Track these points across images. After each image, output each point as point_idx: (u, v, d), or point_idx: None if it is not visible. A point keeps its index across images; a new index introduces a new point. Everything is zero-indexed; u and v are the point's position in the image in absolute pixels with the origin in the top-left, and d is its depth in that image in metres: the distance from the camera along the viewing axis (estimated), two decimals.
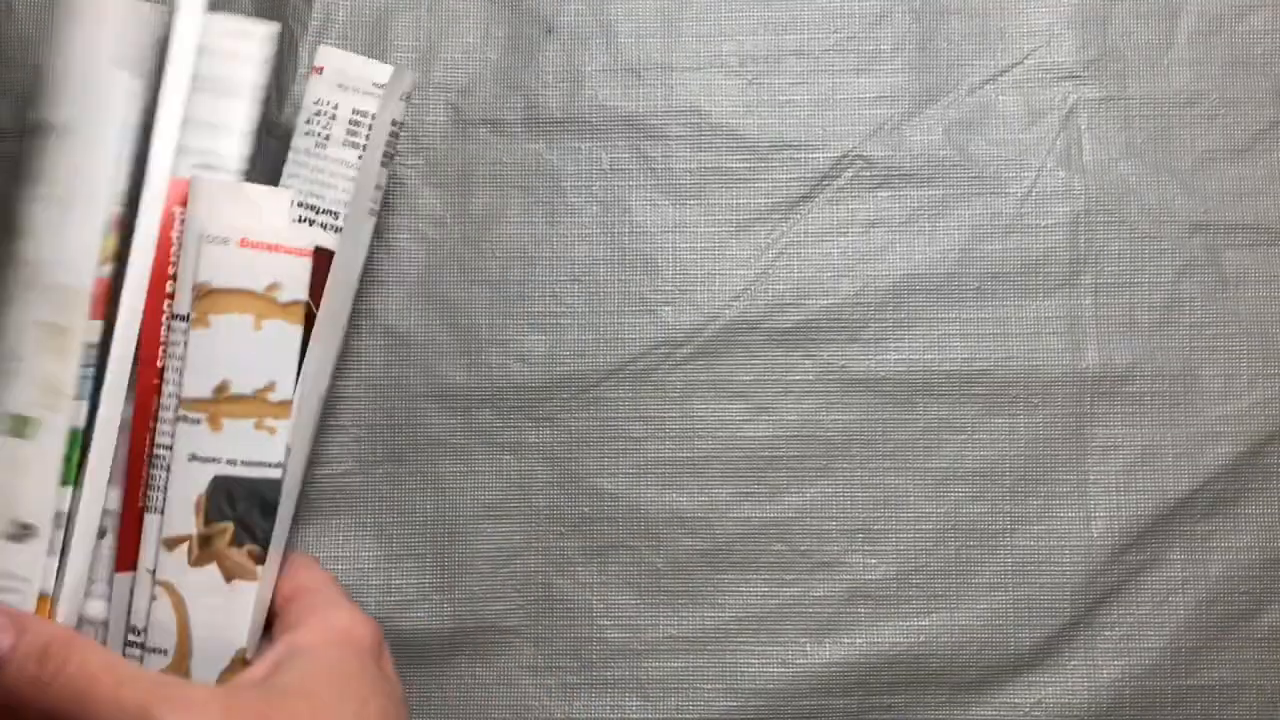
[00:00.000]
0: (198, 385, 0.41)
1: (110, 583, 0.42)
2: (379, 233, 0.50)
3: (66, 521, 0.41)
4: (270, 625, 0.43)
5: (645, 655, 0.49)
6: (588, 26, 0.51)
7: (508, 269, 0.50)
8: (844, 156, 0.50)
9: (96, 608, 0.42)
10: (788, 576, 0.49)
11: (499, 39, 0.51)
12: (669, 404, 0.49)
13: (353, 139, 0.43)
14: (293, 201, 0.42)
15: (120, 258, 0.42)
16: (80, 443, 0.41)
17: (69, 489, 0.41)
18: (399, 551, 0.49)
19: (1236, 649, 0.49)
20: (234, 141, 0.43)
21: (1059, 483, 0.49)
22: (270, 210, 0.42)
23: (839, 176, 0.50)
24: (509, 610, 0.49)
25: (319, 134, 0.43)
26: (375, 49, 0.50)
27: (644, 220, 0.50)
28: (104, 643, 0.42)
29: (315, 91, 0.43)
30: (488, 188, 0.50)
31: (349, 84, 0.43)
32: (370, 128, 0.43)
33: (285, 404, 0.41)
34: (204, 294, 0.41)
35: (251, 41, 0.43)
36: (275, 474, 0.41)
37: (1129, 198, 0.50)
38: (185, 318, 0.42)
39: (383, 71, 0.43)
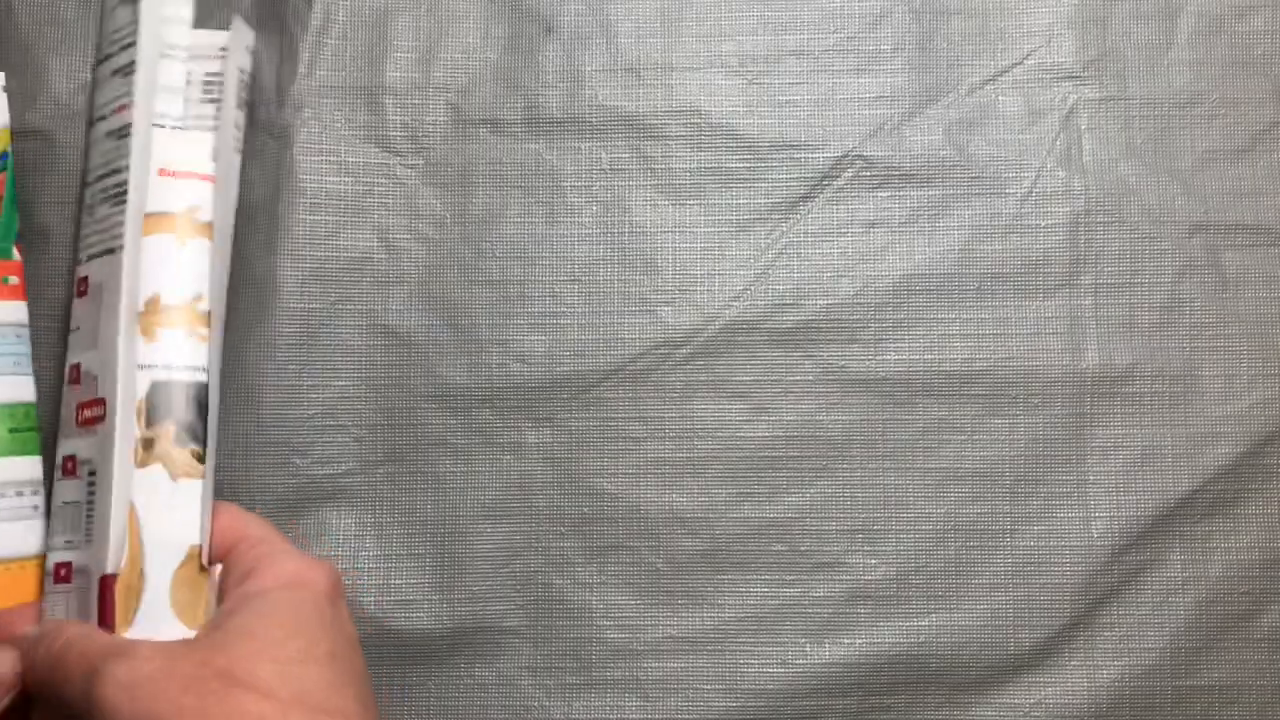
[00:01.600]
0: None
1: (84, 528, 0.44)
2: (380, 232, 0.50)
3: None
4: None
5: (645, 656, 0.49)
6: (588, 26, 0.51)
7: (508, 269, 0.50)
8: (844, 156, 0.50)
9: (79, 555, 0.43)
10: (788, 576, 0.49)
11: (499, 39, 0.51)
12: (669, 404, 0.49)
13: (209, 96, 0.46)
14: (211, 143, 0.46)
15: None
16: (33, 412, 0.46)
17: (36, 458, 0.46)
18: (399, 551, 0.49)
19: (1236, 649, 0.49)
20: (169, 99, 0.46)
21: (1059, 483, 0.49)
22: (189, 144, 0.45)
23: (839, 176, 0.50)
24: (509, 610, 0.49)
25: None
26: (375, 49, 0.50)
27: (644, 220, 0.50)
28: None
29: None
30: (488, 188, 0.50)
31: (199, 53, 0.47)
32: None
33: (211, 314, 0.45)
34: None
35: (181, 4, 0.46)
36: (204, 377, 0.44)
37: (1129, 198, 0.50)
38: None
39: (225, 36, 0.47)
